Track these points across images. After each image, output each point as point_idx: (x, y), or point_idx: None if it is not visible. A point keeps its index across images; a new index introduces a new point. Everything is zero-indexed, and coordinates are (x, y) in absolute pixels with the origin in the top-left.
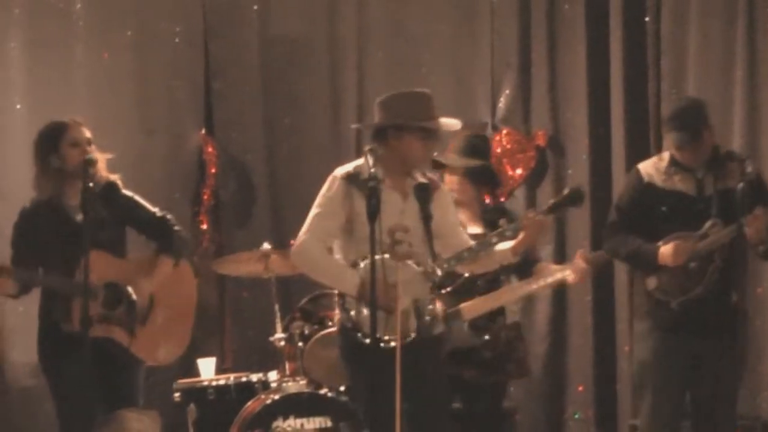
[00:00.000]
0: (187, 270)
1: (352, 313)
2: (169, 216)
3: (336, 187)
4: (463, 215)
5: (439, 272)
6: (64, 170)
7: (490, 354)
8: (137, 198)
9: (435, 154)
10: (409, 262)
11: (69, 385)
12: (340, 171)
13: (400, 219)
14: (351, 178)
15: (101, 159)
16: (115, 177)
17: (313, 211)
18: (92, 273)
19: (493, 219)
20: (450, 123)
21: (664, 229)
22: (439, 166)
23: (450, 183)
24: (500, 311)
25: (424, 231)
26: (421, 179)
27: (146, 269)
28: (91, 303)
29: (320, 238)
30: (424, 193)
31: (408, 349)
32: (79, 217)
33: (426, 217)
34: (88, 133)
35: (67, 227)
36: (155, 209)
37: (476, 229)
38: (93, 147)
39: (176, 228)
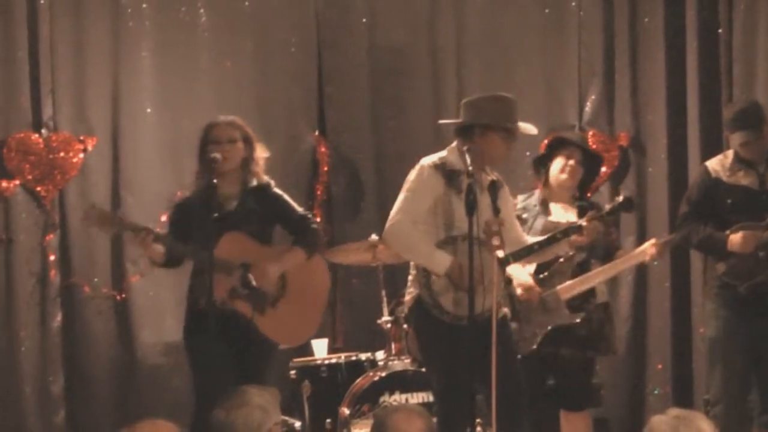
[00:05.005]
0: (321, 263)
1: (436, 290)
2: (310, 215)
3: (424, 174)
4: (560, 200)
5: (511, 261)
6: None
7: (584, 332)
8: (286, 197)
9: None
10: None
11: (204, 360)
12: (427, 160)
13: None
14: (437, 167)
15: (260, 159)
16: (268, 177)
17: (403, 194)
18: (229, 252)
19: (583, 210)
20: (528, 128)
21: (730, 219)
22: (561, 145)
23: (566, 165)
24: (591, 292)
25: None
26: (493, 177)
27: (278, 256)
28: (227, 279)
29: (411, 219)
30: (496, 189)
31: (481, 328)
32: (229, 206)
33: (496, 211)
34: (236, 133)
35: (216, 214)
36: (300, 208)
37: (570, 216)
38: (241, 145)
39: (314, 225)
